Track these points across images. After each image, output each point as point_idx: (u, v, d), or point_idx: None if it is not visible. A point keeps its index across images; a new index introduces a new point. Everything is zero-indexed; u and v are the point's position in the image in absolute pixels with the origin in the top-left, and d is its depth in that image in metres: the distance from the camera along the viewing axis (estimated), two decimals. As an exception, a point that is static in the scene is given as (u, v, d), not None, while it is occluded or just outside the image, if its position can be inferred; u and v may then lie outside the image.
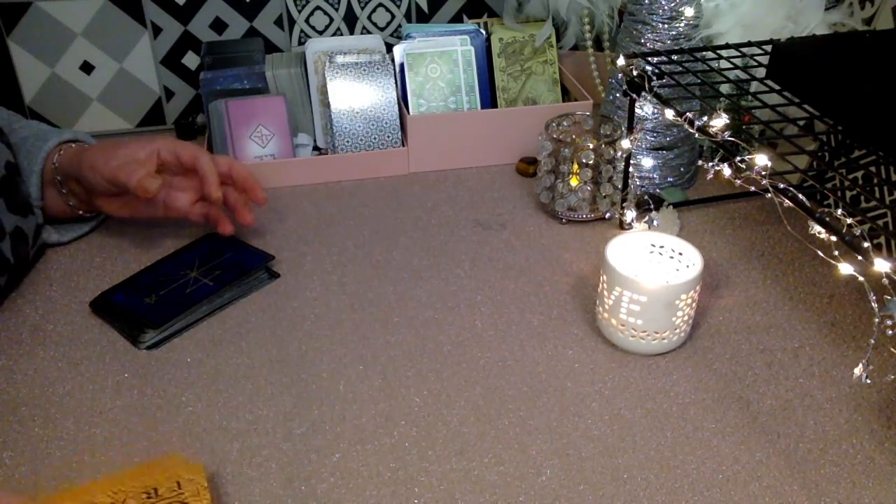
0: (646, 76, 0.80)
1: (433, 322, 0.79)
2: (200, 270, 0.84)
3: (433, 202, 1.00)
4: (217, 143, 1.02)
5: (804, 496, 0.61)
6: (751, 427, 0.67)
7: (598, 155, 0.91)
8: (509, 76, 1.11)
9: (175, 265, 0.85)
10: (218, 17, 1.12)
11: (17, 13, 1.06)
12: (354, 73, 1.04)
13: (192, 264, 0.85)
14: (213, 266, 0.85)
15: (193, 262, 0.85)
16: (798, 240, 0.90)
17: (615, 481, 0.62)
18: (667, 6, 0.93)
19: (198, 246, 0.89)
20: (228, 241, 0.89)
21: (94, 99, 1.14)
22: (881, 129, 0.67)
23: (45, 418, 0.68)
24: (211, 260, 0.86)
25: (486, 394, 0.70)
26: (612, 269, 0.73)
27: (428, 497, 0.61)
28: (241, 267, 0.84)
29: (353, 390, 0.71)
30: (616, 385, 0.71)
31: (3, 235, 0.79)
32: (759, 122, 0.77)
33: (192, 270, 0.84)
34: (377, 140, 1.05)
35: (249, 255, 0.87)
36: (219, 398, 0.70)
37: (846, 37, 0.84)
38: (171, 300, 0.80)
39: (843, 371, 0.73)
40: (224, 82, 1.04)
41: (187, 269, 0.84)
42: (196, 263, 0.85)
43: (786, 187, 0.61)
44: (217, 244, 0.89)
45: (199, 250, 0.88)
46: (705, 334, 0.77)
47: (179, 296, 0.80)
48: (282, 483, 0.62)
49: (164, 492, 0.56)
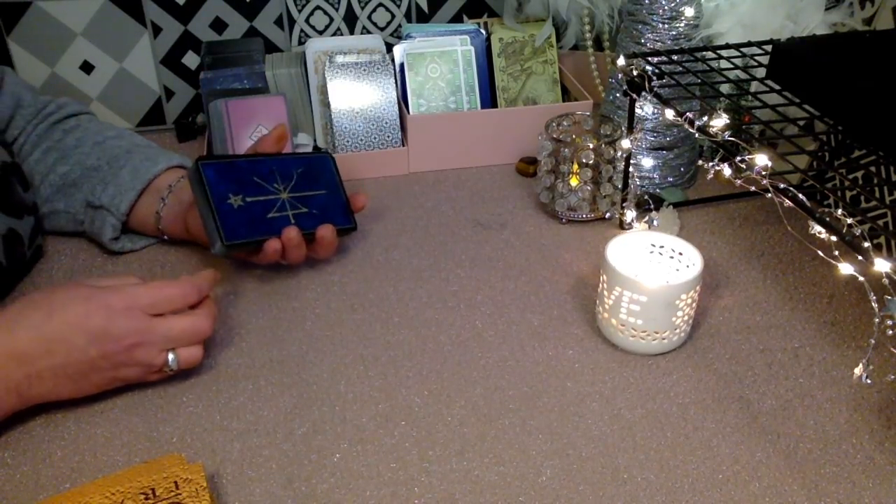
0: (646, 76, 0.80)
1: (433, 322, 0.79)
2: (293, 196, 0.80)
3: (433, 202, 1.00)
4: (217, 143, 1.02)
5: (804, 496, 0.61)
6: (751, 427, 0.67)
7: (598, 155, 0.91)
8: (509, 76, 1.11)
9: (275, 170, 0.81)
10: (218, 16, 1.12)
11: (17, 13, 1.06)
12: (354, 73, 1.04)
13: (289, 179, 0.81)
14: (305, 198, 0.82)
15: (291, 178, 0.82)
16: (798, 240, 0.90)
17: (615, 481, 0.62)
18: (667, 6, 0.93)
19: (304, 161, 0.85)
20: (332, 178, 0.85)
21: (94, 99, 1.14)
22: (881, 128, 0.67)
23: (46, 418, 0.67)
24: (306, 187, 0.82)
25: (486, 394, 0.70)
26: (612, 269, 0.73)
27: (428, 497, 0.61)
28: (324, 220, 0.82)
29: (354, 390, 0.71)
30: (616, 385, 0.71)
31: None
32: (759, 122, 0.77)
33: (285, 190, 0.80)
34: (377, 140, 1.05)
35: (339, 211, 0.84)
36: (219, 398, 0.70)
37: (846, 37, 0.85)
38: (252, 216, 0.77)
39: (843, 371, 0.73)
40: (224, 82, 1.04)
41: (282, 184, 0.81)
42: (293, 181, 0.81)
43: (786, 187, 0.61)
44: (321, 172, 0.85)
45: (303, 166, 0.84)
46: (705, 334, 0.77)
47: (261, 215, 0.78)
48: (282, 483, 0.62)
49: (162, 492, 0.56)
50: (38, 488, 0.61)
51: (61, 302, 0.64)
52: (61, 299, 0.64)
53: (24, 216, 0.83)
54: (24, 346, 0.62)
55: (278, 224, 0.79)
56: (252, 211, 0.78)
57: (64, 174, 0.87)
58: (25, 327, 0.62)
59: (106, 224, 0.85)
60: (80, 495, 0.56)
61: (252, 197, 0.78)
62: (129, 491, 0.56)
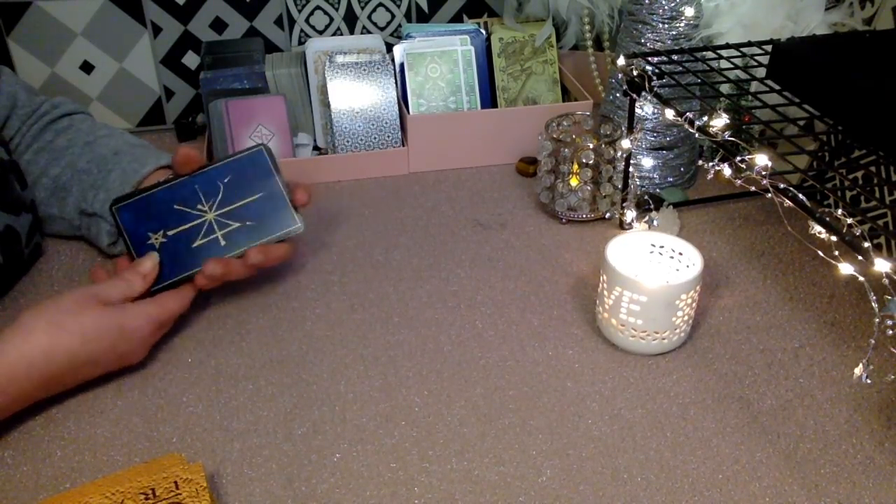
0: (646, 76, 0.80)
1: (433, 322, 0.79)
2: (220, 213, 0.75)
3: (433, 202, 1.00)
4: (217, 143, 1.02)
5: (804, 496, 0.61)
6: (751, 427, 0.67)
7: (598, 155, 0.91)
8: (509, 76, 1.11)
9: (198, 188, 0.76)
10: (218, 16, 1.12)
11: (17, 13, 1.06)
12: (354, 72, 1.04)
13: (214, 194, 0.76)
14: (235, 210, 0.75)
15: (217, 192, 0.76)
16: (798, 240, 0.90)
17: (615, 481, 0.62)
18: (667, 6, 0.93)
19: (232, 167, 0.77)
20: (267, 177, 0.77)
21: (94, 99, 1.14)
22: (881, 129, 0.67)
23: (46, 418, 0.68)
24: (235, 197, 0.76)
25: (486, 394, 0.70)
26: (612, 269, 0.73)
27: (428, 497, 0.61)
28: (261, 228, 0.76)
29: (354, 390, 0.71)
30: (616, 385, 0.71)
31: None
32: (759, 122, 0.77)
33: (211, 208, 0.75)
34: (377, 140, 1.05)
35: (279, 213, 0.76)
36: (219, 398, 0.70)
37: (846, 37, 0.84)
38: (175, 251, 0.74)
39: (843, 371, 0.73)
40: (224, 82, 1.04)
41: (208, 202, 0.75)
42: (219, 195, 0.75)
43: (786, 187, 0.61)
44: (254, 173, 0.77)
45: (231, 173, 0.77)
46: (705, 334, 0.77)
47: (185, 246, 0.74)
48: (282, 483, 0.62)
49: (162, 492, 0.56)
50: (38, 488, 0.61)
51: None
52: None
53: (22, 213, 0.83)
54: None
55: (206, 252, 0.75)
56: (175, 245, 0.75)
57: (55, 177, 0.87)
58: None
59: (101, 231, 0.85)
60: (80, 495, 0.56)
61: (174, 228, 0.75)
62: (129, 491, 0.56)
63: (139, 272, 0.74)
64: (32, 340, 0.64)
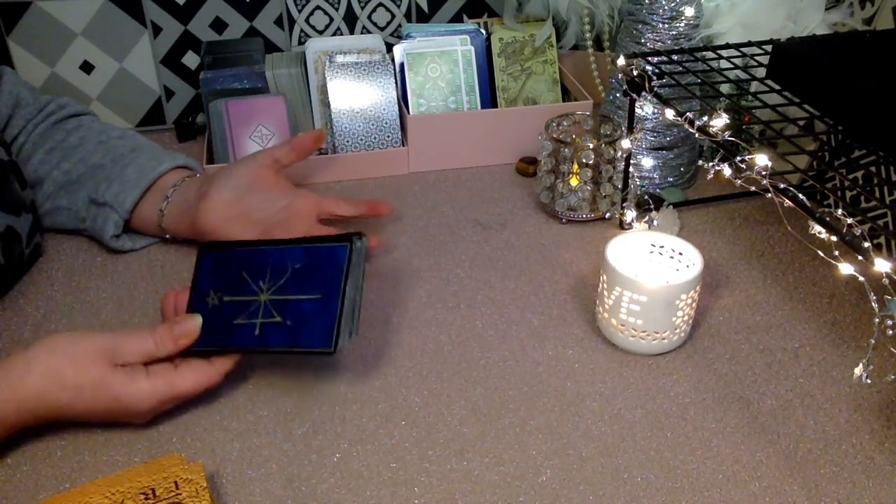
0: (646, 76, 0.80)
1: (433, 322, 0.79)
2: (273, 299, 0.66)
3: (433, 202, 1.00)
4: (217, 143, 1.02)
5: (804, 496, 0.61)
6: (751, 427, 0.67)
7: (598, 155, 0.91)
8: (509, 76, 1.11)
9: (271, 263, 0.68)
10: (218, 16, 1.12)
11: (17, 13, 1.06)
12: (354, 72, 1.04)
13: (279, 276, 0.66)
14: (286, 303, 0.66)
15: (283, 275, 0.66)
16: (798, 240, 0.90)
17: (615, 481, 0.62)
18: (667, 6, 0.93)
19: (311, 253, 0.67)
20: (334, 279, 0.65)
21: (94, 99, 1.14)
22: (881, 129, 0.67)
23: (46, 418, 0.68)
24: (294, 289, 0.66)
25: (486, 394, 0.70)
26: (612, 269, 0.73)
27: (428, 497, 0.61)
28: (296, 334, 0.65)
29: (354, 390, 0.71)
30: (616, 385, 0.71)
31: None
32: (759, 122, 0.77)
33: (268, 290, 0.66)
34: (377, 140, 1.05)
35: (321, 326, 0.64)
36: (219, 398, 0.70)
37: (846, 37, 0.84)
38: (218, 321, 0.67)
39: (843, 371, 0.73)
40: (224, 82, 1.04)
41: (269, 283, 0.67)
42: (283, 279, 0.66)
43: (786, 187, 0.61)
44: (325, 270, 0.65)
45: (305, 260, 0.66)
46: (705, 334, 0.77)
47: (228, 319, 0.66)
48: (282, 483, 0.62)
49: (162, 492, 0.56)
50: (38, 488, 0.61)
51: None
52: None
53: (23, 213, 0.83)
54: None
55: (239, 335, 0.66)
56: (223, 313, 0.68)
57: (67, 171, 0.87)
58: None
59: (108, 221, 0.85)
60: (80, 495, 0.56)
61: (230, 296, 0.68)
62: (129, 491, 0.56)
63: (173, 337, 0.66)
64: (28, 381, 0.61)
